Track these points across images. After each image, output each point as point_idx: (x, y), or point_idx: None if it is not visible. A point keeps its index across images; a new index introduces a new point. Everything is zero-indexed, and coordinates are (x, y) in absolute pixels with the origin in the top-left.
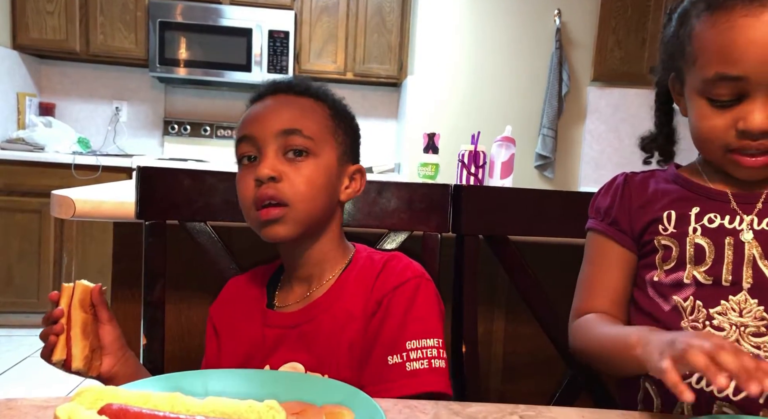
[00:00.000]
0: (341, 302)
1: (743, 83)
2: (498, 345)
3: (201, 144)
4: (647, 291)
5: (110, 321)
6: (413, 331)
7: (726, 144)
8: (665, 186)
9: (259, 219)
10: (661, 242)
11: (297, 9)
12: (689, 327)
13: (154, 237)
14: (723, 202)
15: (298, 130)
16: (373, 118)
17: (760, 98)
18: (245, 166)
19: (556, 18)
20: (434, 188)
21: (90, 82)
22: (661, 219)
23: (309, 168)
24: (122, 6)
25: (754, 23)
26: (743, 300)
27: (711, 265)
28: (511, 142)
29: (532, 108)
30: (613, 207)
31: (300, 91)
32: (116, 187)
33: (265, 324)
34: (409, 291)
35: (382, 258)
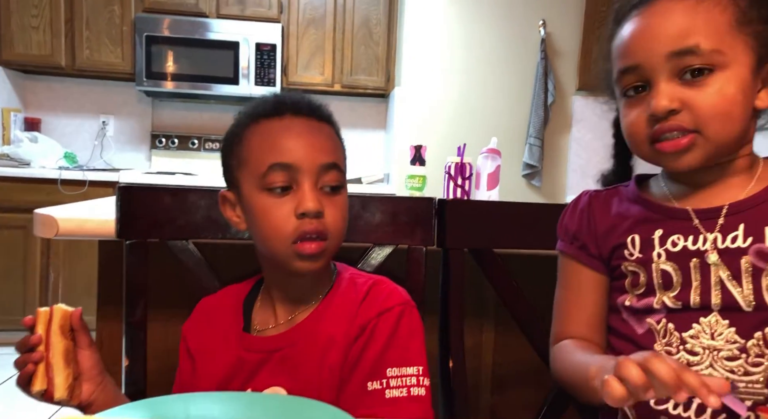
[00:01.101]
0: (324, 326)
1: (641, 71)
2: (487, 356)
3: (189, 157)
4: (621, 314)
5: (90, 346)
6: (394, 359)
7: (647, 134)
8: (628, 206)
9: (297, 253)
10: (628, 268)
11: (284, 22)
12: (663, 351)
13: (135, 256)
14: (684, 220)
15: (337, 164)
16: (362, 129)
17: (662, 81)
18: (276, 195)
19: (541, 28)
20: (418, 202)
21: (76, 96)
22: (626, 244)
23: (341, 202)
24: (108, 21)
25: (641, 19)
26: (714, 321)
27: (680, 290)
28: (496, 153)
29: (518, 117)
30: (581, 231)
31: (320, 116)
32: (101, 203)
33: (244, 348)
34: (392, 318)
35: (367, 283)
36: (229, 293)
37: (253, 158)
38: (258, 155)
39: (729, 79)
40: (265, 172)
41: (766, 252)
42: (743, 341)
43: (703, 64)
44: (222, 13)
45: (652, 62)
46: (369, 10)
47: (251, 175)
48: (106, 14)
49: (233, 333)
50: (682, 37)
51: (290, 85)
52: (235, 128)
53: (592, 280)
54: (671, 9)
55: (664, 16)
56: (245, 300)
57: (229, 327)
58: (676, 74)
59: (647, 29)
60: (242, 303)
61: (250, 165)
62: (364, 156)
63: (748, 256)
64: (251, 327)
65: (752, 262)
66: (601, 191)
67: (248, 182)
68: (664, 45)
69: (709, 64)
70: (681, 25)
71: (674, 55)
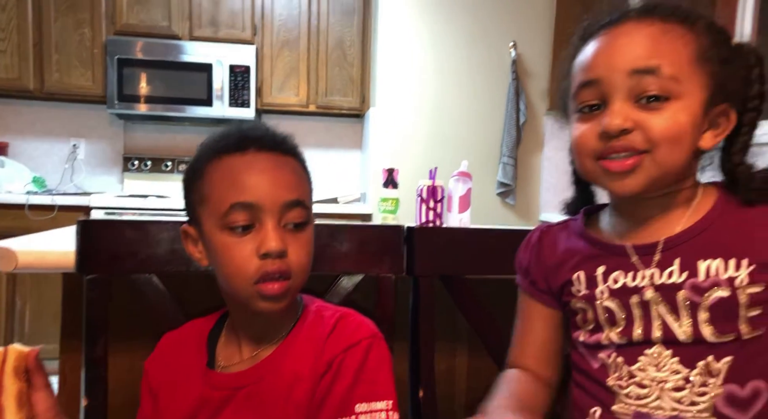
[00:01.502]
0: (289, 362)
1: (600, 86)
2: (461, 382)
3: (162, 179)
4: (579, 349)
5: (46, 387)
6: (363, 394)
7: (594, 149)
8: (575, 243)
9: (260, 293)
10: (576, 305)
11: (258, 44)
12: (616, 385)
13: (96, 291)
14: (624, 256)
15: (302, 201)
16: (338, 149)
17: (618, 100)
18: (237, 234)
19: (512, 50)
20: (387, 230)
21: (45, 120)
22: (572, 281)
23: (306, 238)
24: (78, 44)
25: (606, 37)
26: (658, 353)
27: (624, 327)
28: (467, 176)
29: (492, 137)
30: (531, 266)
31: (285, 150)
32: (65, 233)
33: (208, 385)
34: (360, 352)
35: (333, 316)
36: (193, 328)
37: (214, 196)
38: (219, 193)
39: (682, 108)
40: (226, 212)
41: (700, 286)
42: (687, 371)
43: (660, 91)
44: (195, 36)
45: (613, 78)
46: (343, 32)
47: (212, 213)
48: (76, 37)
49: (197, 369)
50: (646, 56)
51: (265, 107)
52: (196, 163)
53: (541, 314)
54: (638, 31)
55: (630, 35)
56: (209, 335)
57: (192, 363)
58: (632, 96)
59: (612, 46)
60: (206, 338)
61: (210, 203)
62: (340, 176)
63: (684, 291)
64: (215, 363)
65: (688, 297)
66: (552, 226)
67: (209, 220)
68: (627, 61)
69: (666, 91)
70: (646, 46)
71: (635, 72)
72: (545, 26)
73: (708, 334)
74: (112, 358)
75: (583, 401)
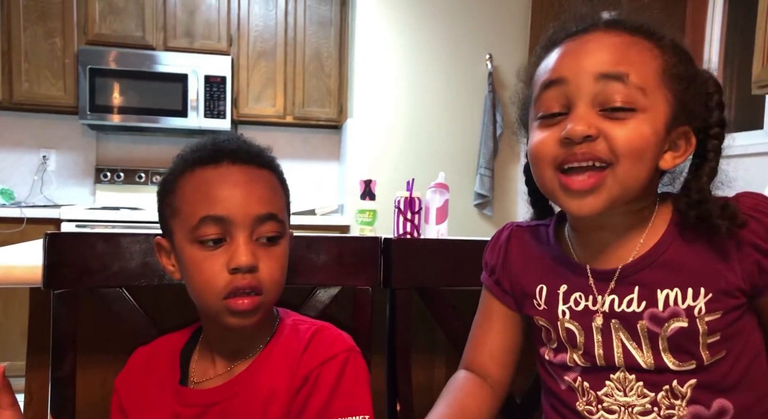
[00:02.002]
0: (264, 377)
1: (565, 88)
2: (439, 394)
3: (136, 191)
4: (546, 367)
5: (12, 406)
6: (340, 408)
7: (554, 157)
8: (543, 252)
9: (229, 309)
10: (539, 322)
11: (234, 54)
12: (584, 410)
13: (64, 307)
14: (583, 277)
15: (274, 214)
16: (315, 160)
17: (583, 105)
18: (207, 247)
19: (488, 62)
20: (364, 242)
21: (14, 131)
22: (534, 294)
23: (279, 253)
24: (49, 53)
25: (574, 43)
26: (623, 378)
27: (584, 350)
28: (444, 188)
29: (469, 148)
30: (497, 266)
31: (260, 162)
32: (32, 247)
33: (180, 402)
34: (336, 366)
35: (309, 330)
36: (166, 343)
37: (186, 209)
38: (190, 206)
39: (646, 121)
40: (196, 225)
41: (659, 316)
42: (653, 394)
43: (625, 101)
44: (170, 46)
45: (579, 79)
46: (320, 43)
47: (183, 226)
48: (47, 47)
49: (169, 386)
50: (614, 62)
51: (241, 118)
52: (170, 175)
53: (502, 315)
54: (606, 39)
55: (600, 42)
56: (182, 350)
57: (164, 380)
58: (597, 104)
59: (580, 50)
60: (179, 353)
61: (182, 216)
62: (317, 187)
63: (643, 321)
64: (188, 379)
65: (647, 327)
66: (524, 227)
67: (180, 233)
68: (595, 64)
69: (632, 102)
70: (615, 53)
71: (603, 76)
72: (521, 39)
73: (669, 363)
74: (81, 375)
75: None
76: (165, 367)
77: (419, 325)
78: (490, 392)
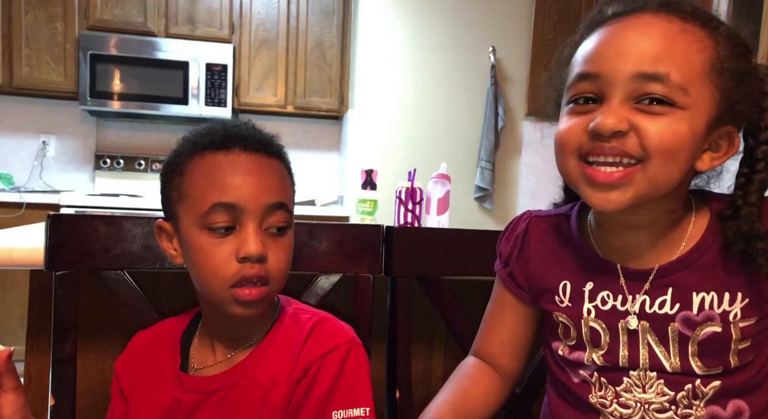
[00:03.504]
0: (265, 366)
1: (599, 82)
2: (437, 383)
3: (135, 178)
4: (557, 360)
5: (15, 389)
6: (341, 401)
7: (579, 145)
8: (565, 247)
9: (236, 298)
10: (559, 318)
11: (235, 42)
12: (598, 403)
13: (66, 288)
14: (613, 276)
15: (284, 203)
16: (316, 151)
17: (616, 99)
18: (216, 235)
19: (491, 55)
20: (366, 229)
21: (14, 115)
22: (557, 290)
23: (287, 243)
24: (50, 38)
25: (617, 28)
26: (643, 375)
27: (607, 350)
28: (446, 178)
29: (470, 141)
30: (511, 257)
31: (271, 151)
32: (33, 230)
33: (180, 389)
34: (338, 358)
35: (310, 320)
36: (165, 328)
37: (195, 194)
38: (200, 192)
39: (684, 119)
40: (207, 211)
41: (693, 320)
42: (673, 393)
43: (664, 96)
44: (171, 33)
45: (614, 76)
46: (322, 33)
47: (192, 211)
48: (48, 31)
49: (169, 372)
50: (655, 61)
51: (242, 106)
52: (177, 157)
53: (514, 307)
54: (653, 26)
55: (642, 31)
56: (182, 336)
57: (164, 366)
58: (633, 97)
59: (620, 41)
60: (179, 339)
61: (191, 200)
62: (317, 178)
63: (675, 324)
64: (188, 365)
65: (679, 330)
66: (542, 217)
67: (188, 218)
68: (634, 64)
69: (671, 98)
70: (656, 47)
71: (640, 76)
72: (524, 32)
73: (695, 367)
74: (81, 359)
75: (564, 410)
76: (165, 353)
77: (418, 315)
78: (499, 381)
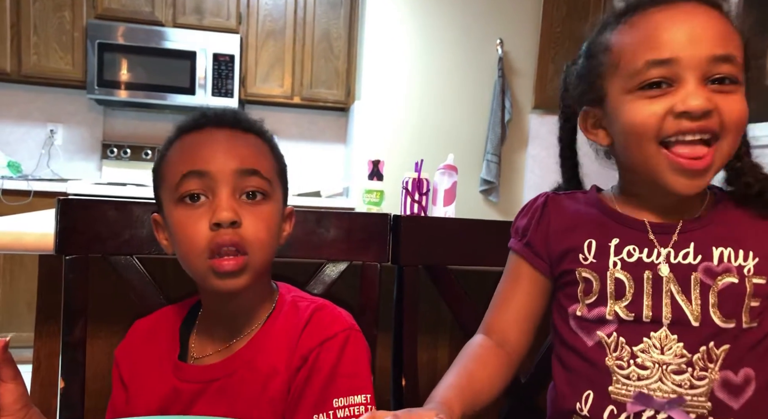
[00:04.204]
0: (264, 355)
1: (674, 67)
2: (442, 373)
3: (142, 168)
4: (570, 324)
5: (14, 378)
6: (341, 388)
7: (661, 131)
8: (586, 209)
9: (213, 270)
10: (582, 274)
11: (243, 33)
12: (615, 366)
13: (75, 272)
14: (640, 231)
15: (257, 170)
16: (321, 142)
17: (693, 81)
18: (190, 206)
19: (498, 47)
20: (373, 218)
21: (22, 103)
22: (582, 249)
23: (266, 212)
24: (58, 26)
25: (671, 12)
26: (664, 336)
27: (631, 300)
28: (453, 169)
29: (476, 134)
30: (529, 228)
31: (246, 127)
32: (43, 216)
33: (179, 378)
34: (337, 346)
35: (309, 308)
36: (165, 316)
37: (169, 171)
38: (174, 167)
39: (743, 94)
40: (178, 182)
41: (713, 270)
42: (690, 355)
43: (734, 75)
44: (179, 23)
45: (691, 60)
46: (329, 24)
47: (168, 189)
48: (56, 20)
49: (168, 361)
50: (724, 43)
51: (248, 97)
52: (164, 145)
53: (530, 276)
54: (704, 13)
55: (705, 18)
56: (182, 324)
57: (163, 355)
58: (707, 78)
59: (688, 26)
60: (179, 328)
61: (167, 179)
62: (323, 169)
63: (697, 273)
64: (188, 354)
65: (701, 279)
66: (560, 194)
67: (167, 197)
68: (709, 47)
69: (737, 76)
70: (721, 31)
71: (715, 59)
72: (532, 25)
73: (715, 318)
74: (90, 344)
75: (572, 387)
76: (164, 341)
77: (424, 305)
78: (506, 359)
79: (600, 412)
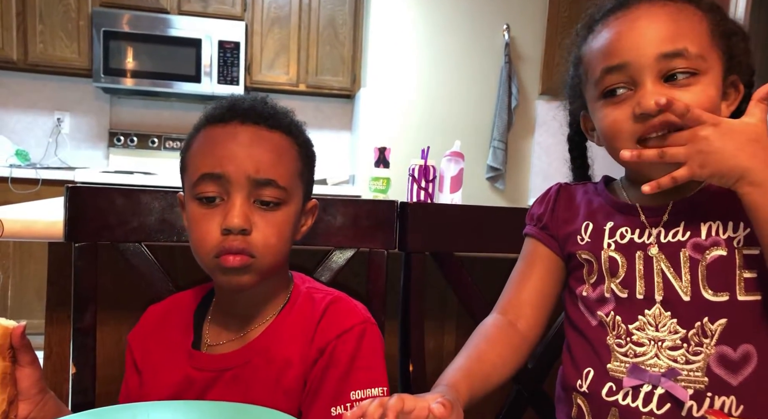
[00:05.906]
0: (279, 346)
1: (628, 71)
2: (449, 359)
3: (148, 156)
4: (578, 306)
5: (31, 363)
6: (358, 381)
7: (632, 132)
8: (591, 198)
9: (219, 266)
10: (582, 256)
11: (248, 20)
12: (614, 344)
13: (85, 259)
14: (633, 215)
15: (274, 180)
16: (327, 130)
17: (650, 81)
18: (206, 206)
19: (505, 33)
20: (380, 205)
21: (29, 92)
22: (579, 231)
23: (279, 219)
24: (63, 15)
25: (625, 18)
26: (658, 313)
27: (624, 277)
28: (459, 156)
29: (483, 121)
30: (544, 214)
31: (273, 124)
32: (52, 203)
33: (193, 366)
34: (353, 339)
35: (324, 300)
36: (179, 303)
37: (190, 165)
38: (193, 162)
39: (709, 83)
40: (196, 181)
41: (701, 244)
42: (684, 331)
43: (688, 68)
44: (184, 10)
45: (641, 62)
46: (335, 11)
47: (188, 180)
48: (61, 8)
49: (182, 348)
50: (672, 40)
51: (254, 84)
52: (192, 131)
53: (545, 256)
54: (655, 13)
55: (651, 19)
56: (196, 311)
57: (177, 342)
58: (662, 76)
59: (635, 30)
60: (192, 315)
61: (188, 172)
62: (329, 157)
63: (686, 249)
64: (201, 342)
65: (689, 255)
66: (571, 184)
67: (187, 188)
68: (655, 46)
69: (695, 68)
70: (669, 29)
71: (664, 56)
72: (539, 10)
73: (704, 292)
74: (99, 330)
75: (576, 363)
76: (178, 328)
77: (431, 291)
78: (518, 340)
79: (599, 388)
